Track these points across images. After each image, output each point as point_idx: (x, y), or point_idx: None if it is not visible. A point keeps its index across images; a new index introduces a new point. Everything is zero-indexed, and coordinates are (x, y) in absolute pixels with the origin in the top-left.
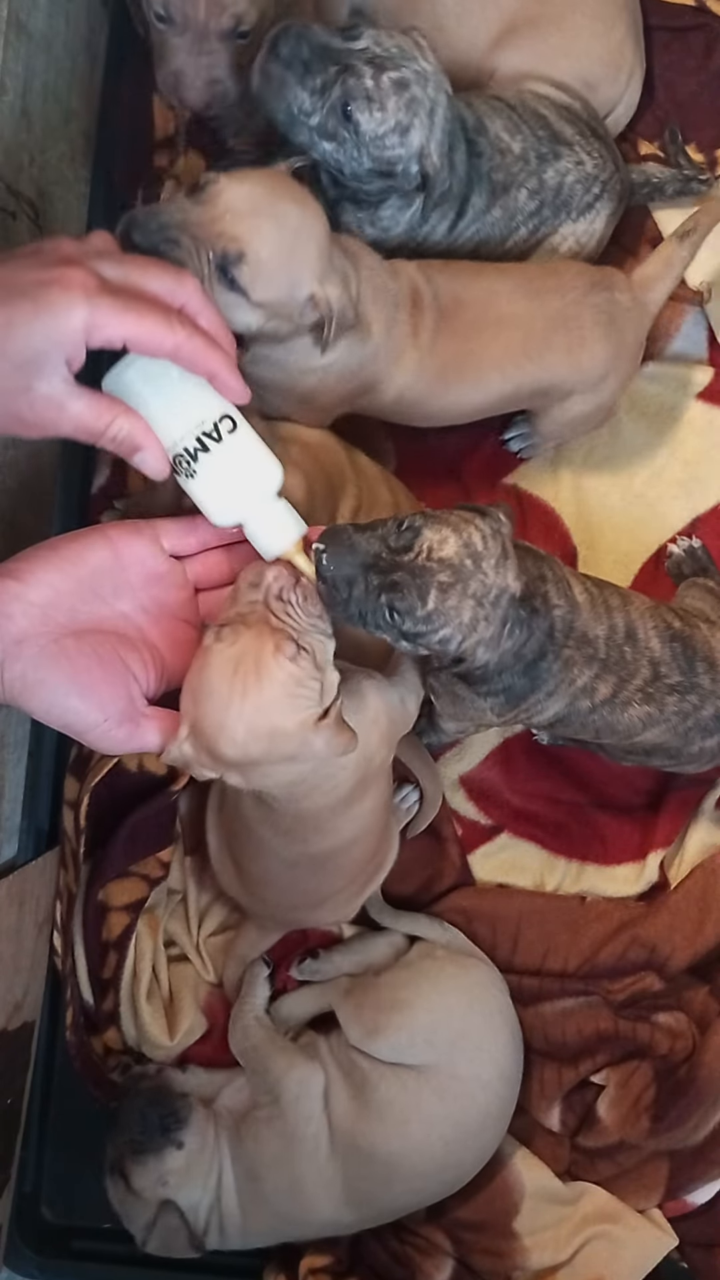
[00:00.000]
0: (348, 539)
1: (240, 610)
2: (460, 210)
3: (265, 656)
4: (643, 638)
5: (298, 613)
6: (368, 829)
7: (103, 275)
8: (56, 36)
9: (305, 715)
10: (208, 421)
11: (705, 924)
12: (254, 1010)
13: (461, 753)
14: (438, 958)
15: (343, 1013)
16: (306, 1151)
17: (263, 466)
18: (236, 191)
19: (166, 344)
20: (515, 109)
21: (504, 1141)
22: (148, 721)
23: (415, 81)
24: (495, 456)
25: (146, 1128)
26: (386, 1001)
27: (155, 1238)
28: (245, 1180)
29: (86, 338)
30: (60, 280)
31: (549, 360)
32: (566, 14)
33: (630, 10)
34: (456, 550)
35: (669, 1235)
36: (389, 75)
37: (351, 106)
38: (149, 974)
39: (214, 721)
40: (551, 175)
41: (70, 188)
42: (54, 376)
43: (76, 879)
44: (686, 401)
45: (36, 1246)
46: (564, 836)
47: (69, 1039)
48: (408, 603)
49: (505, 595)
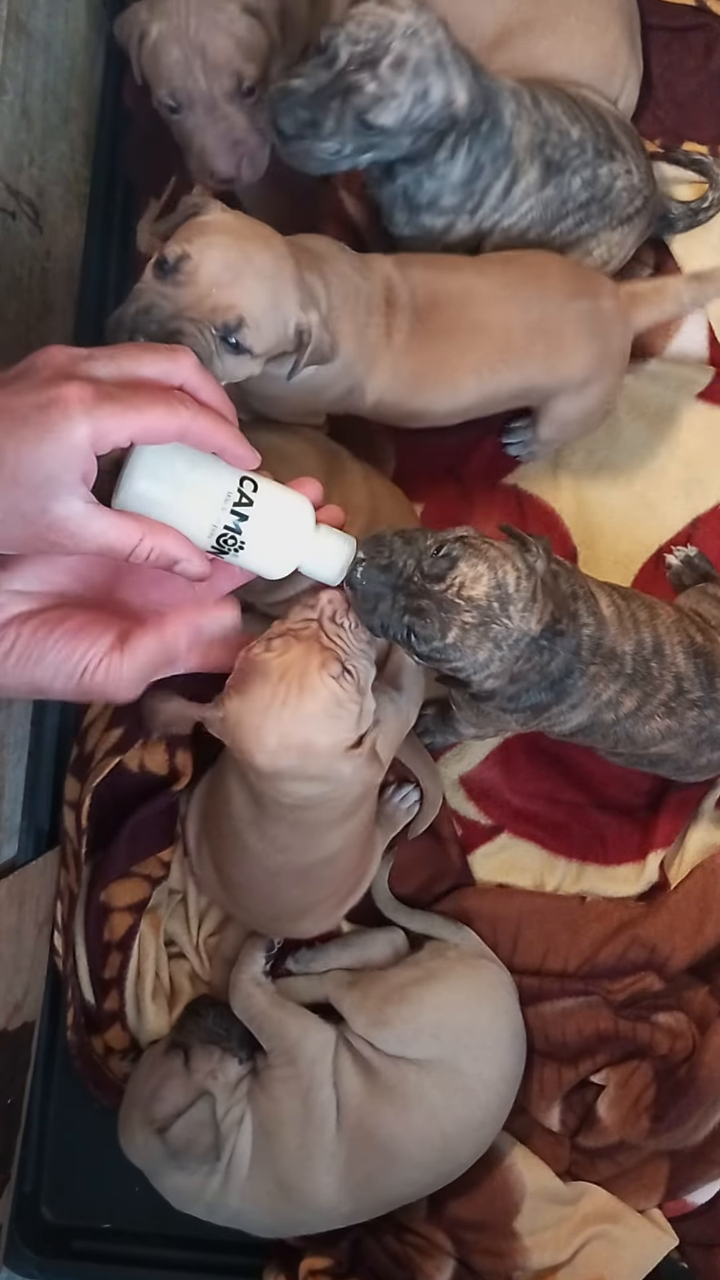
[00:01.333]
0: (387, 555)
1: (292, 625)
2: (514, 176)
3: (311, 671)
4: (669, 653)
5: (349, 636)
6: (353, 843)
7: (97, 378)
8: (56, 36)
9: (339, 738)
10: (233, 493)
11: (705, 924)
12: (252, 975)
13: (461, 753)
14: (449, 957)
15: (347, 1003)
16: (318, 1117)
17: (296, 508)
18: (211, 263)
19: (172, 430)
20: (576, 101)
21: (504, 1141)
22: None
23: (408, 46)
24: (495, 457)
25: (230, 1030)
26: (395, 995)
27: (182, 1125)
28: (260, 1136)
29: (94, 450)
30: (57, 401)
31: (527, 368)
32: (560, 17)
33: (625, 13)
34: (486, 591)
35: (669, 1235)
36: (385, 64)
37: (368, 116)
38: (152, 973)
39: (251, 724)
40: (605, 174)
41: (70, 187)
42: (71, 498)
43: (78, 879)
44: (686, 401)
45: (36, 1246)
46: (564, 836)
47: (70, 1039)
48: (428, 631)
49: (524, 640)
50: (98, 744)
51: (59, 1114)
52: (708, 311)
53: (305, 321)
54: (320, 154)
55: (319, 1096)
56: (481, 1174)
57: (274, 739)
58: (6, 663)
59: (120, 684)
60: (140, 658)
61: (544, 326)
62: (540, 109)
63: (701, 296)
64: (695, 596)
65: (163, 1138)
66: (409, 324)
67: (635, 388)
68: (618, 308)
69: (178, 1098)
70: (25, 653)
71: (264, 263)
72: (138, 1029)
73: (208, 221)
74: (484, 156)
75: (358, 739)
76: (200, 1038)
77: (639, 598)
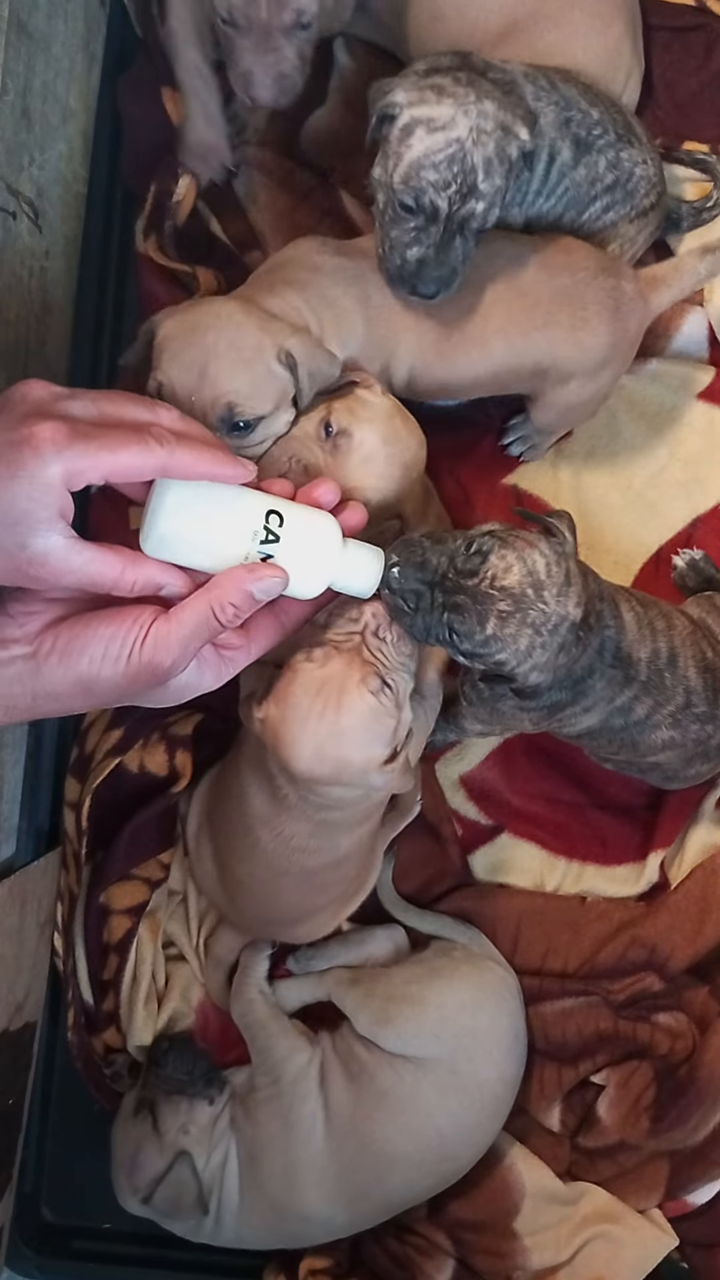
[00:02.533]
0: (420, 554)
1: (334, 637)
2: (551, 154)
3: (350, 685)
4: (682, 665)
5: (390, 650)
6: (360, 848)
7: (73, 416)
8: (56, 36)
9: (374, 754)
10: (259, 530)
11: (705, 924)
12: (257, 983)
13: (461, 753)
14: (454, 957)
15: (349, 1000)
16: (302, 1133)
17: (323, 530)
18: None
19: (150, 466)
20: (590, 87)
21: (504, 1141)
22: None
23: (483, 149)
24: (495, 456)
25: (194, 1072)
26: (398, 994)
27: (164, 1190)
28: (246, 1165)
29: (67, 487)
30: (29, 440)
31: (553, 334)
32: (565, 10)
33: (628, 10)
34: (519, 579)
35: (669, 1235)
36: (480, 183)
37: (486, 225)
38: (148, 978)
39: (289, 735)
40: (627, 158)
41: (69, 187)
42: (49, 533)
43: (78, 880)
44: (687, 401)
45: (36, 1246)
46: (564, 837)
47: (71, 1039)
48: (467, 626)
49: (565, 623)
50: (98, 745)
51: (59, 1114)
52: (708, 312)
53: (280, 349)
54: (455, 282)
55: (301, 1113)
56: (481, 1174)
57: (310, 750)
58: (49, 662)
59: (171, 650)
60: (189, 620)
61: (571, 295)
62: (557, 90)
63: (716, 265)
64: (705, 606)
65: (149, 1204)
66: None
67: (635, 388)
68: (638, 291)
69: (155, 1162)
70: (67, 648)
71: (216, 337)
72: (128, 1033)
73: (162, 340)
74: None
75: (392, 753)
76: (164, 1090)
77: (656, 606)
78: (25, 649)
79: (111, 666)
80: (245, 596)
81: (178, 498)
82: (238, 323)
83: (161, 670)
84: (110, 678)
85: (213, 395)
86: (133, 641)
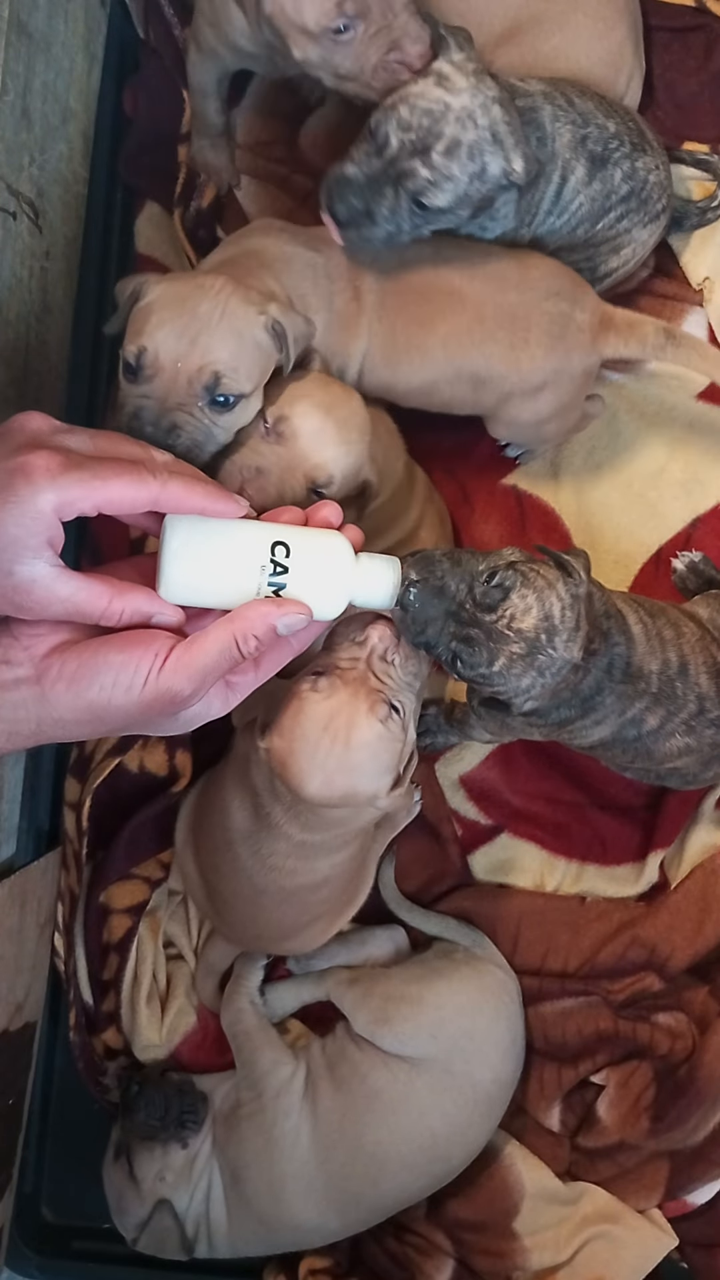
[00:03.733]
0: (439, 578)
1: (339, 663)
2: (564, 175)
3: (359, 718)
4: (693, 673)
5: (398, 672)
6: (340, 873)
7: (68, 449)
8: (56, 37)
9: (382, 784)
10: (266, 564)
11: (705, 924)
12: (248, 993)
13: (461, 753)
14: (455, 959)
15: (348, 1000)
16: (286, 1147)
17: (333, 552)
18: (165, 342)
19: (142, 498)
20: (604, 98)
21: (503, 1141)
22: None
23: (461, 130)
24: (494, 457)
25: (166, 1115)
26: (397, 994)
27: (148, 1236)
28: (230, 1185)
29: (59, 517)
30: (23, 469)
31: (490, 351)
32: (568, 13)
33: (631, 12)
34: (535, 624)
35: (669, 1235)
36: (437, 151)
37: (424, 199)
38: (149, 977)
39: (298, 767)
40: (641, 166)
41: (68, 188)
42: (36, 561)
43: (79, 880)
44: (686, 401)
45: (36, 1246)
46: (564, 837)
47: (72, 1039)
48: (475, 659)
49: (567, 666)
50: (98, 745)
51: (60, 1114)
52: (708, 312)
53: (269, 319)
54: (376, 237)
55: (285, 1128)
56: (481, 1174)
57: (318, 782)
58: (56, 689)
59: (191, 679)
60: (211, 649)
61: (515, 313)
62: (575, 106)
63: (664, 356)
64: (715, 606)
65: (137, 1246)
66: (378, 284)
67: (635, 388)
68: (590, 324)
69: (137, 1210)
70: (75, 674)
71: (210, 307)
72: (131, 1033)
73: (149, 304)
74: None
75: (396, 778)
76: (138, 1135)
77: (664, 614)
78: (28, 671)
79: (124, 694)
80: (268, 630)
81: (182, 542)
82: (230, 295)
83: (180, 699)
84: (123, 705)
85: (200, 363)
86: (147, 670)
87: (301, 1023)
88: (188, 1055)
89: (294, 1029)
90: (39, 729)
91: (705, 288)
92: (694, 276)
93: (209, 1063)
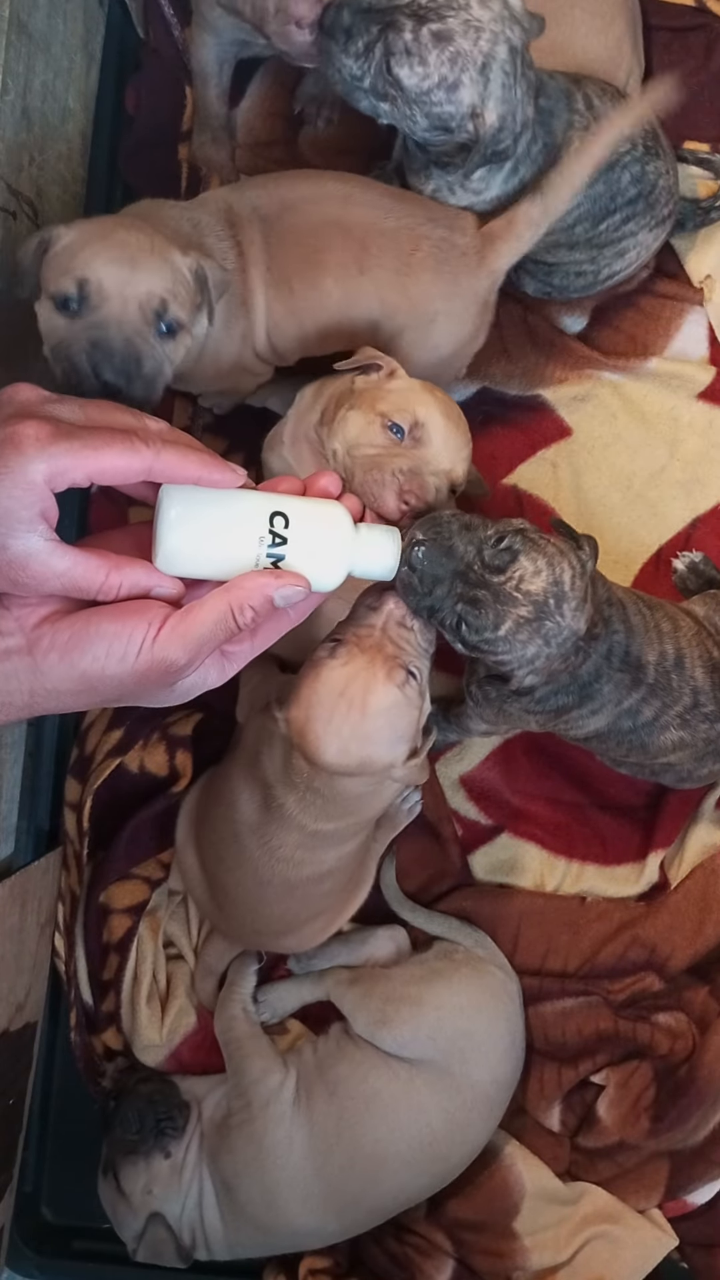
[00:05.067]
0: (448, 539)
1: (357, 631)
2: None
3: (376, 683)
4: (689, 666)
5: (416, 638)
6: (345, 865)
7: (59, 419)
8: (55, 37)
9: (398, 752)
10: (265, 535)
11: (705, 924)
12: (241, 1000)
13: (462, 753)
14: (455, 960)
15: (348, 1001)
16: (278, 1155)
17: (332, 522)
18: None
19: (136, 467)
20: (623, 96)
21: (504, 1141)
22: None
23: (461, 34)
24: (494, 457)
25: (142, 1128)
26: (397, 995)
27: (144, 1248)
28: (223, 1192)
29: (50, 487)
30: (12, 439)
31: (380, 279)
32: (566, 10)
33: (629, 9)
34: (545, 587)
35: (669, 1235)
36: (429, 27)
37: (390, 61)
38: (149, 977)
39: (315, 734)
40: (652, 170)
41: (67, 187)
42: (29, 534)
43: (79, 881)
44: (686, 401)
45: (36, 1246)
46: (564, 837)
47: (73, 1039)
48: (481, 621)
49: (573, 638)
50: (98, 745)
51: (60, 1114)
52: (708, 311)
53: (193, 260)
54: (341, 67)
55: (276, 1137)
56: (481, 1174)
57: (335, 749)
58: (49, 659)
59: (187, 648)
60: (207, 619)
61: (398, 239)
62: (592, 109)
63: (550, 208)
64: (711, 604)
65: (137, 1257)
66: (260, 233)
67: (635, 388)
68: (472, 246)
69: (131, 1223)
70: (69, 644)
71: (138, 238)
72: (131, 1032)
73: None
74: (528, 171)
75: (413, 750)
76: (119, 1151)
77: (662, 608)
78: (19, 641)
79: (118, 664)
80: (265, 601)
81: (180, 512)
82: (153, 233)
83: (175, 669)
84: (116, 675)
85: (147, 289)
86: (141, 639)
87: (301, 1023)
88: (188, 1055)
89: (293, 1029)
90: (32, 700)
91: (706, 286)
92: (696, 275)
93: (209, 1063)
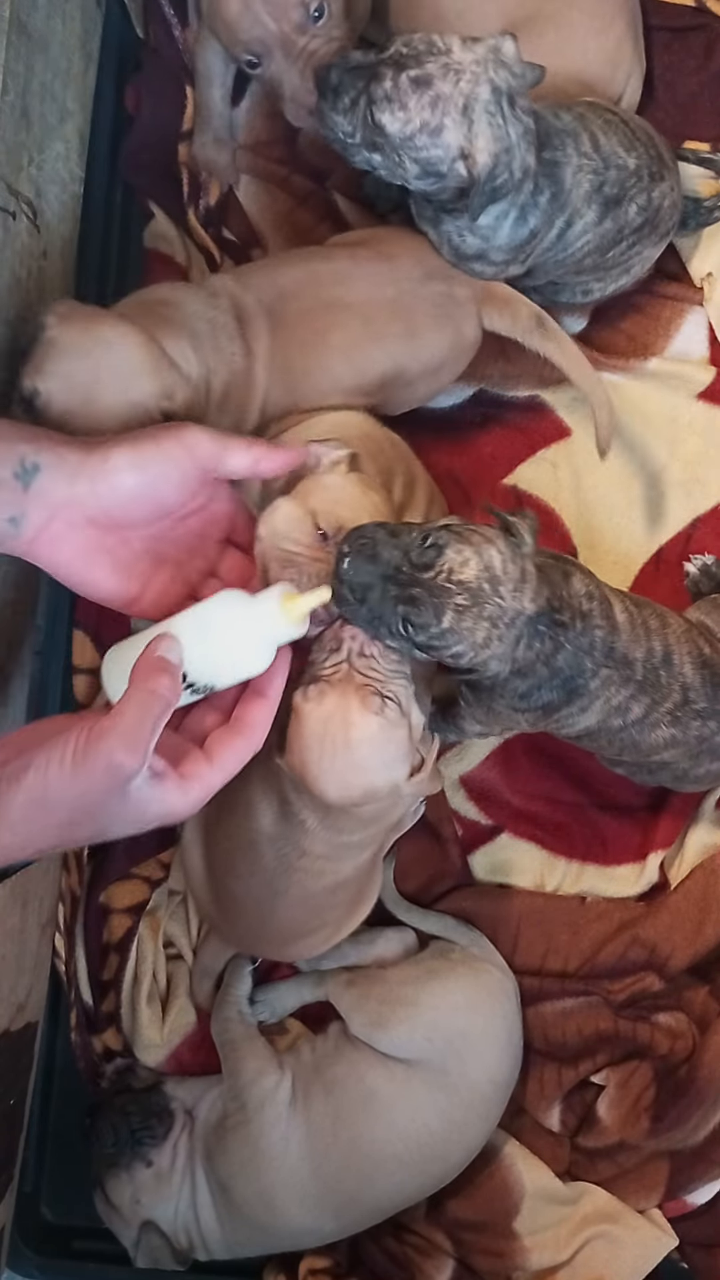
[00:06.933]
0: (371, 548)
1: (324, 672)
2: (569, 220)
3: (352, 715)
4: (678, 663)
5: (380, 663)
6: (360, 873)
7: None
8: (54, 37)
9: (396, 773)
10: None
11: (705, 924)
12: (237, 1003)
13: (461, 753)
14: (451, 959)
15: (345, 1002)
16: (274, 1157)
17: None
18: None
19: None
20: (629, 124)
21: (503, 1141)
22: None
23: (440, 77)
24: (493, 457)
25: (118, 1140)
26: (393, 996)
27: (142, 1256)
28: (219, 1194)
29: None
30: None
31: (391, 347)
32: (564, 11)
33: (629, 10)
34: (475, 574)
35: (669, 1235)
36: (408, 74)
37: (374, 109)
38: (149, 977)
39: (312, 777)
40: (657, 195)
41: (65, 188)
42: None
43: (79, 881)
44: (687, 401)
45: (37, 1246)
46: (564, 837)
47: (73, 1039)
48: (424, 618)
49: (521, 617)
50: None
51: (60, 1114)
52: (708, 311)
53: (164, 409)
54: (335, 125)
55: (271, 1139)
56: (480, 1174)
57: (336, 787)
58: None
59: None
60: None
61: (399, 305)
62: (599, 150)
63: (531, 341)
64: (706, 608)
65: (137, 1264)
66: (266, 327)
67: (635, 388)
68: (471, 297)
69: (127, 1232)
70: (15, 767)
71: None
72: (131, 1033)
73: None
74: (537, 220)
75: (415, 765)
76: (101, 1165)
77: (651, 606)
78: None
79: (58, 768)
80: (158, 662)
81: (111, 668)
82: (133, 359)
83: (117, 765)
84: (59, 781)
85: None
86: (73, 739)
87: (301, 1022)
88: (188, 1055)
89: (293, 1028)
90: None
91: (706, 284)
92: (697, 274)
93: (210, 1063)
